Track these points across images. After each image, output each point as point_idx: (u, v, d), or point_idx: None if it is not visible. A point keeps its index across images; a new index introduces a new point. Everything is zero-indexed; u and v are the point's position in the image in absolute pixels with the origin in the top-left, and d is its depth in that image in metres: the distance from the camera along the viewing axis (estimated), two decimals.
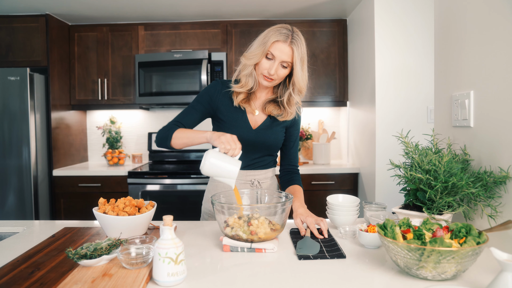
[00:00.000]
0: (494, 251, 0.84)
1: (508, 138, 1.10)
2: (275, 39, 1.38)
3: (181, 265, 0.94)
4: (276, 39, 1.38)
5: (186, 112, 1.54)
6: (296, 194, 1.54)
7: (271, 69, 1.41)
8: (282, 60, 1.40)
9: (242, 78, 1.49)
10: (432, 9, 2.54)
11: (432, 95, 2.57)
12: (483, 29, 1.20)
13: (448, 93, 1.39)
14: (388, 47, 2.59)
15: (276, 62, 1.40)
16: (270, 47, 1.39)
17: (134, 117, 3.71)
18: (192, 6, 3.05)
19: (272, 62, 1.41)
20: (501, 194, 1.11)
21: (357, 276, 0.99)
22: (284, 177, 1.67)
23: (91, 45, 3.35)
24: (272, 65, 1.41)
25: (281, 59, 1.40)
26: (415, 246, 0.91)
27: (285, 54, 1.39)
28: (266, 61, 1.42)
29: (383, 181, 2.65)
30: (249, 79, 1.49)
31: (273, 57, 1.40)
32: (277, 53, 1.39)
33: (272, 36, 1.39)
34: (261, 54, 1.41)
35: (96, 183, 3.08)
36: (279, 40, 1.38)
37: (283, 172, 1.69)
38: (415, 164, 1.18)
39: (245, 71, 1.48)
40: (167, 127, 1.48)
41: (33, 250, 1.16)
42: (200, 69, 3.20)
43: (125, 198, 1.34)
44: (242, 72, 1.49)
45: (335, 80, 3.39)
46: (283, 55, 1.39)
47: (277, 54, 1.39)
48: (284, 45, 1.39)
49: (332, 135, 3.48)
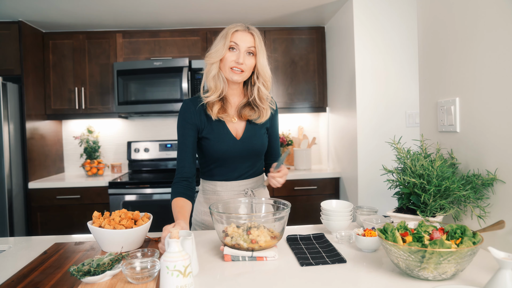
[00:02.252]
0: (492, 250, 0.89)
1: (494, 142, 1.16)
2: (234, 30, 1.43)
3: (189, 277, 0.94)
4: (235, 29, 1.44)
5: (181, 154, 1.51)
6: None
7: (239, 58, 1.41)
8: (246, 47, 1.43)
9: (210, 82, 1.47)
10: (412, 15, 2.65)
11: (410, 101, 2.67)
12: (468, 38, 1.27)
13: (434, 100, 1.45)
14: (368, 53, 2.68)
15: (241, 51, 1.42)
16: (231, 37, 1.42)
17: (113, 126, 3.63)
18: (172, 13, 3.04)
19: (238, 52, 1.43)
20: (489, 195, 1.17)
21: (360, 280, 1.02)
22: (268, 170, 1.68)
23: (66, 53, 3.26)
24: (239, 55, 1.42)
25: (246, 45, 1.42)
26: (416, 248, 0.95)
27: (247, 41, 1.43)
28: (230, 53, 1.43)
29: (365, 185, 2.72)
30: (218, 81, 1.46)
31: (236, 46, 1.42)
32: (240, 41, 1.42)
33: (231, 29, 1.44)
34: (223, 47, 1.42)
35: (75, 195, 2.98)
36: (238, 30, 1.44)
37: (267, 167, 1.70)
38: (407, 169, 1.23)
39: (211, 73, 1.45)
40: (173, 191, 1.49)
41: (26, 269, 1.12)
42: (181, 76, 3.18)
43: (119, 211, 1.32)
44: (209, 75, 1.46)
45: (314, 86, 3.46)
46: (246, 42, 1.43)
47: (240, 42, 1.42)
48: (243, 33, 1.44)
49: (313, 141, 3.54)
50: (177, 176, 1.51)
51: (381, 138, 2.69)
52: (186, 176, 1.49)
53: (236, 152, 1.51)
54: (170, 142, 3.57)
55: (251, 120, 1.53)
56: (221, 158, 1.51)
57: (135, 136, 3.65)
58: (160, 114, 3.55)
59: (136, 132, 3.66)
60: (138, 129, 3.66)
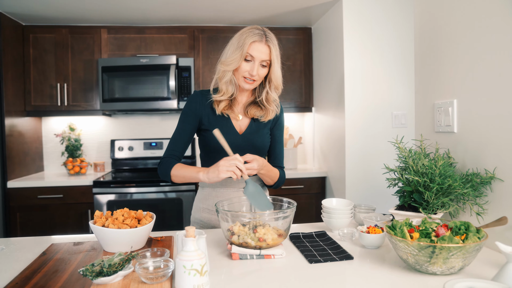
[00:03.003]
0: (500, 245, 0.94)
1: (491, 142, 1.22)
2: (251, 40, 1.40)
3: (205, 276, 0.93)
4: (253, 40, 1.40)
5: (177, 137, 1.52)
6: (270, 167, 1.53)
7: (253, 70, 1.42)
8: (261, 60, 1.42)
9: (223, 85, 1.48)
10: (402, 18, 2.72)
11: (396, 102, 2.75)
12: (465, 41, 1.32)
13: (431, 101, 1.50)
14: (357, 55, 2.73)
15: (256, 62, 1.42)
16: (248, 49, 1.40)
17: (95, 123, 3.54)
18: (160, 10, 2.99)
19: (252, 63, 1.42)
20: (487, 193, 1.23)
21: (370, 275, 1.05)
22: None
23: (48, 48, 3.15)
24: (253, 66, 1.42)
25: (261, 58, 1.42)
26: (426, 244, 0.98)
27: (264, 53, 1.42)
28: (245, 63, 1.42)
29: (353, 183, 2.77)
30: (230, 85, 1.48)
31: (252, 58, 1.41)
32: (256, 54, 1.40)
33: (248, 38, 1.40)
34: (240, 58, 1.41)
35: (58, 194, 2.89)
36: (255, 41, 1.40)
37: None
38: (409, 168, 1.26)
39: (225, 78, 1.47)
40: (165, 163, 1.48)
41: (28, 271, 1.08)
42: (168, 74, 3.14)
43: (122, 210, 1.29)
44: (222, 80, 1.48)
45: (300, 86, 3.49)
46: (262, 55, 1.41)
47: (256, 54, 1.40)
48: (261, 44, 1.41)
49: (299, 140, 3.58)
50: (167, 155, 1.51)
51: (369, 138, 2.75)
52: (176, 155, 1.51)
53: (237, 146, 1.51)
54: (155, 141, 3.52)
55: (256, 118, 1.54)
56: (221, 151, 1.51)
57: (119, 134, 3.58)
58: (145, 112, 3.49)
59: (120, 130, 3.58)
60: (122, 127, 3.58)
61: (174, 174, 1.45)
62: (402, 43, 2.74)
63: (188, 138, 1.53)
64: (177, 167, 1.44)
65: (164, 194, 2.97)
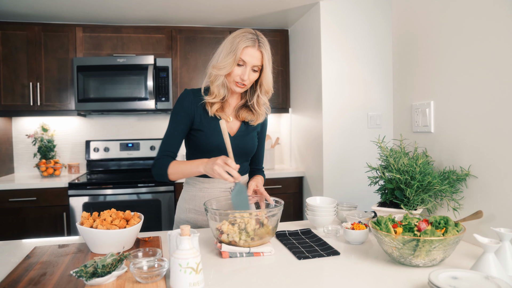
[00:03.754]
0: (477, 237, 1.00)
1: (466, 141, 1.30)
2: (244, 45, 1.41)
3: (201, 274, 0.94)
4: (246, 45, 1.41)
5: (170, 136, 1.51)
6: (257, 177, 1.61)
7: (244, 74, 1.43)
8: (253, 65, 1.44)
9: (214, 88, 1.50)
10: (380, 22, 2.82)
11: (372, 103, 2.84)
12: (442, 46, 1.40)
13: (408, 103, 1.58)
14: (334, 56, 2.80)
15: (248, 67, 1.43)
16: (241, 54, 1.41)
17: (69, 124, 3.44)
18: (138, 9, 2.95)
19: (244, 68, 1.44)
20: (462, 189, 1.31)
21: (357, 269, 1.09)
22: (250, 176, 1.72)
23: (20, 45, 3.04)
24: (244, 71, 1.44)
25: (253, 63, 1.43)
26: (410, 237, 1.04)
27: (256, 59, 1.43)
28: (237, 68, 1.44)
29: (330, 182, 2.84)
30: (222, 89, 1.50)
31: (244, 63, 1.43)
32: (248, 59, 1.42)
33: (241, 43, 1.41)
34: (233, 63, 1.42)
35: (31, 197, 2.79)
36: (248, 46, 1.41)
37: (249, 173, 1.74)
38: (391, 166, 1.32)
39: (217, 82, 1.48)
40: (160, 163, 1.46)
41: (14, 275, 1.06)
42: (146, 74, 3.10)
43: (109, 211, 1.28)
44: (214, 83, 1.49)
45: (277, 87, 3.54)
46: (254, 60, 1.43)
47: (248, 59, 1.42)
48: (253, 50, 1.42)
49: (276, 141, 3.62)
50: (160, 155, 1.50)
51: (346, 139, 2.83)
52: (170, 155, 1.50)
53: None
54: (131, 142, 3.47)
55: (246, 121, 1.56)
56: (212, 152, 1.52)
57: (94, 135, 3.50)
58: (121, 113, 3.43)
59: (95, 131, 3.50)
60: (97, 128, 3.50)
61: (171, 172, 1.43)
62: (379, 46, 2.83)
63: (181, 137, 1.52)
64: (174, 164, 1.44)
65: (141, 196, 2.93)
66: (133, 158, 3.46)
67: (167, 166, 1.44)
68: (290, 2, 2.88)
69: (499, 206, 1.18)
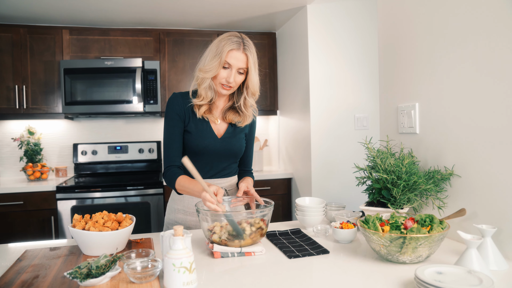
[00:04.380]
0: (461, 233, 1.05)
1: (450, 142, 1.34)
2: (229, 48, 1.44)
3: (194, 273, 0.96)
4: (230, 48, 1.44)
5: (171, 142, 1.53)
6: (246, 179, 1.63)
7: (229, 77, 1.46)
8: (238, 68, 1.47)
9: (202, 91, 1.52)
10: (366, 25, 2.87)
11: (359, 105, 2.89)
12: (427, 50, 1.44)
13: (394, 105, 1.62)
14: (322, 59, 2.84)
15: (233, 70, 1.46)
16: (226, 57, 1.44)
17: (56, 127, 3.41)
18: (125, 12, 2.95)
19: (229, 71, 1.47)
20: (446, 188, 1.35)
21: (346, 267, 1.12)
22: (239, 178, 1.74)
23: (4, 48, 3.00)
24: (230, 74, 1.46)
25: (238, 66, 1.46)
26: (397, 235, 1.07)
27: (241, 61, 1.46)
28: (223, 70, 1.47)
29: (319, 183, 2.88)
30: (209, 91, 1.52)
31: (229, 66, 1.46)
32: (233, 61, 1.45)
33: (226, 46, 1.44)
34: (219, 66, 1.45)
35: (17, 201, 2.76)
36: (233, 49, 1.44)
37: (238, 174, 1.76)
38: (378, 166, 1.36)
39: (203, 84, 1.51)
40: (170, 174, 1.49)
41: (7, 278, 1.06)
42: (134, 77, 3.10)
43: (101, 213, 1.29)
44: (201, 86, 1.51)
45: (265, 90, 3.57)
46: (239, 63, 1.46)
47: (233, 62, 1.45)
48: (238, 53, 1.45)
49: (265, 143, 3.65)
50: (167, 165, 1.52)
51: (333, 140, 2.88)
52: (177, 164, 1.52)
53: (216, 149, 1.55)
54: (119, 145, 3.45)
55: (233, 123, 1.59)
56: (199, 154, 1.54)
57: (81, 138, 3.47)
58: (109, 116, 3.41)
59: (83, 134, 3.47)
60: (85, 131, 3.48)
61: (179, 188, 1.47)
62: (366, 49, 2.89)
63: (180, 141, 1.55)
64: (180, 180, 1.45)
65: (131, 198, 2.93)
66: (121, 161, 3.45)
67: (174, 180, 1.47)
68: (278, 6, 2.92)
69: (481, 204, 1.23)
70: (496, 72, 1.16)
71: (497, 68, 1.16)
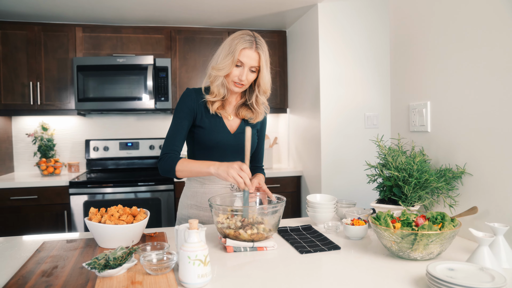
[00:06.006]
0: (473, 231, 1.05)
1: (461, 140, 1.35)
2: (242, 47, 1.46)
3: (208, 266, 0.98)
4: (243, 47, 1.46)
5: (175, 133, 1.54)
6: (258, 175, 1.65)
7: (242, 75, 1.49)
8: (250, 66, 1.49)
9: (214, 88, 1.55)
10: (376, 23, 2.87)
11: (369, 104, 2.89)
12: (439, 47, 1.45)
13: (405, 103, 1.62)
14: (332, 58, 2.85)
15: (245, 68, 1.49)
16: (239, 55, 1.46)
17: (69, 123, 3.46)
18: (137, 10, 2.98)
19: (242, 69, 1.49)
20: (458, 186, 1.36)
21: (357, 263, 1.13)
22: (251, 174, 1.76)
23: (20, 45, 3.06)
24: (242, 72, 1.49)
25: (250, 65, 1.48)
26: (408, 232, 1.08)
27: (253, 60, 1.48)
28: (235, 69, 1.49)
29: (328, 181, 2.89)
30: (221, 88, 1.55)
31: (242, 64, 1.48)
32: (246, 60, 1.47)
33: (238, 45, 1.46)
34: (231, 64, 1.47)
35: (32, 195, 2.81)
36: (246, 48, 1.46)
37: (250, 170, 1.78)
38: (389, 164, 1.37)
39: (216, 82, 1.53)
40: (169, 158, 1.49)
41: (28, 267, 1.09)
42: (146, 74, 3.13)
43: (116, 207, 1.32)
44: (214, 83, 1.54)
45: (275, 88, 3.58)
46: (251, 61, 1.48)
47: (246, 60, 1.47)
48: (251, 51, 1.47)
49: (275, 140, 3.67)
50: (166, 152, 1.52)
51: (343, 138, 2.88)
52: (177, 151, 1.53)
53: (229, 144, 1.57)
54: (131, 141, 3.49)
55: (246, 119, 1.61)
56: (213, 149, 1.57)
57: (93, 134, 3.52)
58: (121, 112, 3.46)
59: (95, 130, 3.52)
60: (97, 127, 3.53)
61: (179, 169, 1.46)
62: (376, 47, 2.89)
63: (185, 134, 1.56)
64: (182, 162, 1.47)
65: (141, 194, 2.96)
66: (132, 157, 3.49)
67: (175, 163, 1.47)
68: (288, 4, 2.93)
69: (493, 202, 1.24)
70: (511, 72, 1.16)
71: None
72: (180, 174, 1.48)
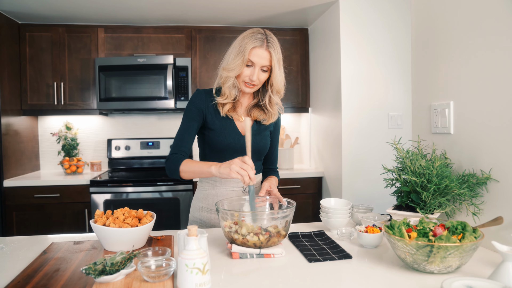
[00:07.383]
0: (496, 244, 0.96)
1: (487, 143, 1.24)
2: (252, 46, 1.40)
3: (207, 274, 0.94)
4: (253, 46, 1.40)
5: (183, 133, 1.51)
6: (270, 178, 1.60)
7: (253, 75, 1.43)
8: (261, 65, 1.43)
9: (225, 89, 1.50)
10: (398, 20, 2.75)
11: (392, 103, 2.77)
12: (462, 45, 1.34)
13: (427, 103, 1.52)
14: (353, 56, 2.75)
15: (256, 68, 1.43)
16: (249, 55, 1.41)
17: (91, 123, 3.53)
18: (157, 9, 2.99)
19: (253, 69, 1.43)
20: (482, 193, 1.25)
21: (369, 274, 1.06)
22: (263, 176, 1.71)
23: (45, 46, 3.14)
24: (253, 72, 1.43)
25: (261, 64, 1.43)
26: (424, 243, 1.00)
27: (264, 59, 1.42)
28: (246, 68, 1.44)
29: (349, 183, 2.79)
30: (233, 89, 1.50)
31: (252, 63, 1.43)
32: (256, 59, 1.41)
33: (249, 44, 1.41)
34: (242, 64, 1.42)
35: (54, 193, 2.88)
36: (256, 47, 1.41)
37: (263, 172, 1.73)
38: (407, 168, 1.28)
39: (227, 83, 1.49)
40: (174, 159, 1.46)
41: (30, 269, 1.09)
42: (166, 74, 3.14)
43: (122, 209, 1.30)
44: (225, 85, 1.49)
45: (297, 87, 3.51)
46: (262, 60, 1.42)
47: (256, 60, 1.41)
48: (261, 50, 1.41)
49: (296, 140, 3.60)
50: (174, 151, 1.49)
51: (365, 139, 2.78)
52: (184, 151, 1.50)
53: (240, 146, 1.53)
54: (152, 140, 3.52)
55: (259, 120, 1.56)
56: (224, 151, 1.53)
57: (115, 133, 3.57)
58: (142, 112, 3.49)
59: (116, 130, 3.57)
60: (118, 127, 3.58)
61: (183, 169, 1.43)
62: (398, 45, 2.76)
63: (193, 135, 1.53)
64: (186, 162, 1.43)
65: (161, 194, 2.97)
66: (153, 156, 3.51)
67: (179, 164, 1.44)
68: (309, 0, 2.85)
69: None
70: None
71: None
72: (184, 175, 1.45)
